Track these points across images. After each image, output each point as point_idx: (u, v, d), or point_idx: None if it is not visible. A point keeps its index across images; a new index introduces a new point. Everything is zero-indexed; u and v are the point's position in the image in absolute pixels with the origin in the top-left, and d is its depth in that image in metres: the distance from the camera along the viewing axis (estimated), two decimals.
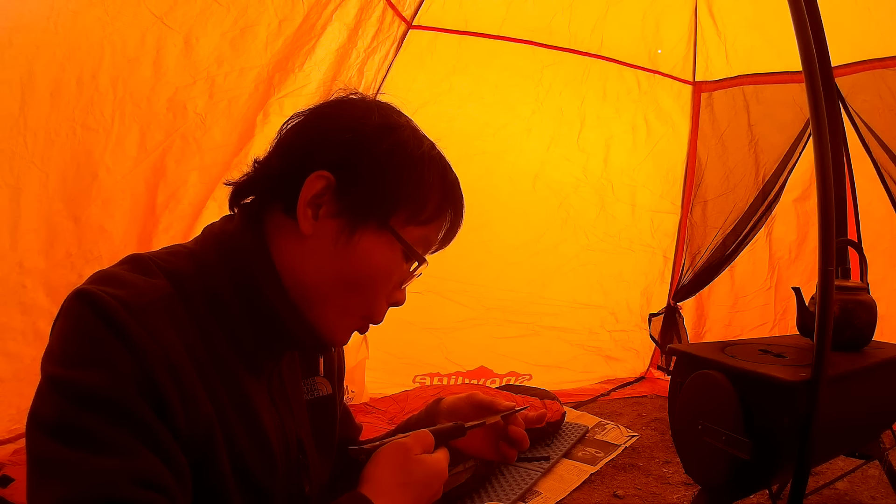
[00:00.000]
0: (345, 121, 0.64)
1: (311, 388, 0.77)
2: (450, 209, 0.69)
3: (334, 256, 0.62)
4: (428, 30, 2.67)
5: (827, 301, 1.20)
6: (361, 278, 0.63)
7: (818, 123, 1.20)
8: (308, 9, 2.13)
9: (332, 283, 0.63)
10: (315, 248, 0.62)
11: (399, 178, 0.63)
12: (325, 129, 0.64)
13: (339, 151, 0.62)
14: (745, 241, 2.98)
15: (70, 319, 0.54)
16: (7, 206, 1.63)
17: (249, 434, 0.63)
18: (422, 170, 0.65)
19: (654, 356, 3.36)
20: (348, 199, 0.62)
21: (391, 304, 0.68)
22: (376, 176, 0.62)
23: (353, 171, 0.62)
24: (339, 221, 0.62)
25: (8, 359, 1.70)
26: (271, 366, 0.68)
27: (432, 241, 0.69)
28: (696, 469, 1.42)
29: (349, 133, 0.63)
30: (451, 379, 2.95)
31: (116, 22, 1.70)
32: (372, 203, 0.62)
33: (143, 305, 0.55)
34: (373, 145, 0.63)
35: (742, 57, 2.91)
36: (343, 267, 0.62)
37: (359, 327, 0.68)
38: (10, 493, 1.44)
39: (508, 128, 3.02)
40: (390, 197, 0.63)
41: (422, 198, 0.65)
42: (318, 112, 0.67)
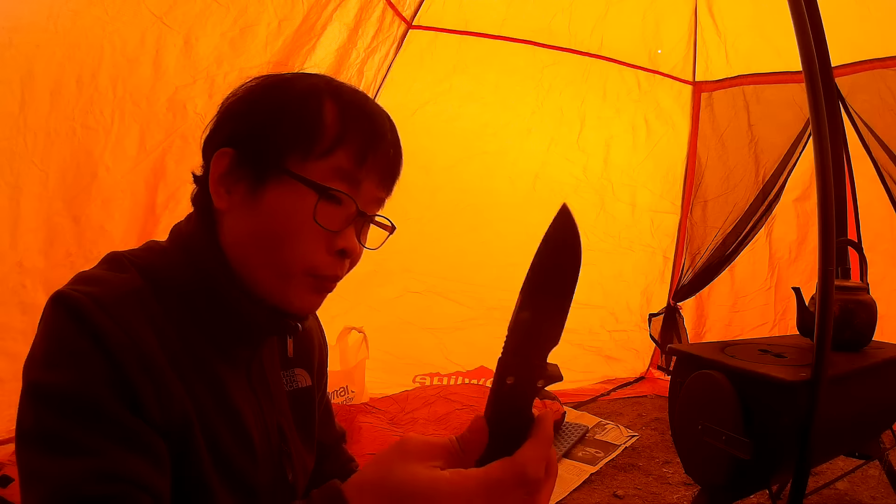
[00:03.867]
0: (235, 97, 0.65)
1: (290, 380, 0.77)
2: (356, 129, 0.63)
3: (251, 220, 0.62)
4: (428, 30, 2.67)
5: (827, 301, 1.20)
6: (280, 231, 0.61)
7: (818, 123, 1.20)
8: (308, 9, 2.13)
9: (260, 246, 0.62)
10: (237, 220, 0.63)
11: (279, 119, 0.62)
12: (220, 112, 0.66)
13: (229, 123, 0.64)
14: (745, 241, 2.98)
15: (45, 322, 0.55)
16: (7, 205, 1.63)
17: (227, 422, 0.63)
18: (301, 102, 0.63)
19: (654, 356, 3.36)
20: (246, 163, 0.62)
21: (339, 253, 0.64)
22: (259, 127, 0.62)
23: (242, 134, 0.63)
24: (245, 186, 0.62)
25: (8, 359, 1.70)
26: (247, 355, 0.68)
27: (349, 169, 0.63)
28: (696, 469, 1.42)
29: (235, 104, 0.65)
30: (451, 379, 2.95)
31: (116, 22, 1.71)
32: (262, 154, 0.61)
33: (116, 300, 0.56)
34: (252, 102, 0.64)
35: (742, 57, 2.91)
36: (261, 226, 0.62)
37: (312, 287, 0.64)
38: (10, 494, 1.44)
39: (508, 128, 3.02)
40: (276, 140, 0.61)
41: (309, 128, 0.61)
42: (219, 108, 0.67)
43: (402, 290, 2.94)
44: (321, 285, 0.65)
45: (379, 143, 0.65)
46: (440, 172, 2.90)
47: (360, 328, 2.56)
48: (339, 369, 2.49)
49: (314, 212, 0.60)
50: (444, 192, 2.93)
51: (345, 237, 0.64)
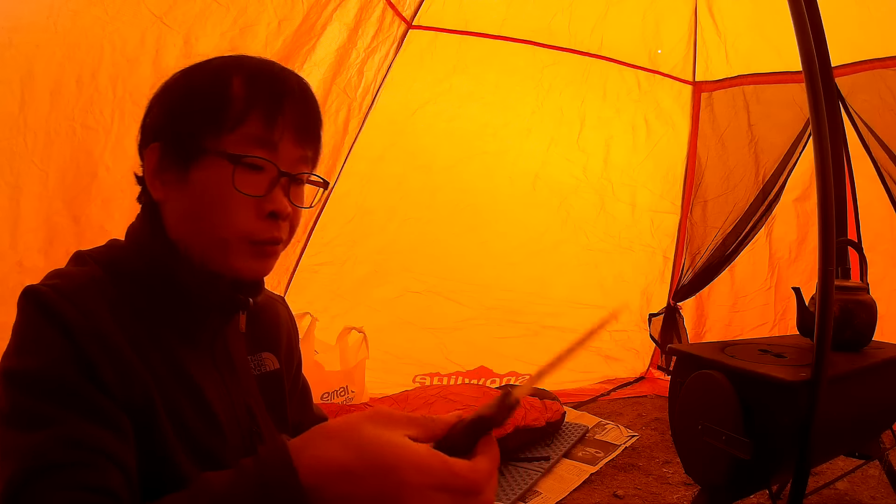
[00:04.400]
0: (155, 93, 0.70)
1: (258, 364, 0.79)
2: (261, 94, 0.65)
3: (185, 202, 0.65)
4: (428, 30, 2.67)
5: (827, 301, 1.21)
6: (210, 205, 0.64)
7: (818, 123, 1.20)
8: (308, 9, 2.13)
9: (197, 224, 0.65)
10: (175, 206, 0.66)
11: (190, 102, 0.66)
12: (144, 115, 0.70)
13: (151, 118, 0.68)
14: (745, 241, 2.98)
15: (17, 316, 0.60)
16: (7, 205, 1.63)
17: (191, 402, 0.65)
18: (209, 81, 0.66)
19: (654, 356, 3.36)
20: (172, 152, 0.65)
21: (270, 216, 0.66)
22: (175, 114, 0.66)
23: (163, 125, 0.67)
24: (173, 172, 0.65)
25: None
26: (209, 337, 0.71)
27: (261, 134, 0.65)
28: (696, 469, 1.42)
29: (154, 99, 0.69)
30: (451, 379, 2.95)
31: (116, 21, 1.71)
32: (182, 139, 0.65)
33: (76, 289, 0.60)
34: (168, 93, 0.68)
35: (742, 57, 2.91)
36: (194, 206, 0.65)
37: (252, 252, 0.67)
38: None
39: (508, 128, 3.02)
40: (190, 123, 0.65)
41: (217, 104, 0.64)
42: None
43: (402, 290, 2.94)
44: (261, 250, 0.67)
45: (286, 101, 0.67)
46: (440, 172, 2.90)
47: (360, 328, 2.56)
48: (339, 369, 2.49)
49: (233, 181, 0.63)
50: (444, 192, 2.93)
51: (272, 200, 0.66)
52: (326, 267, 2.80)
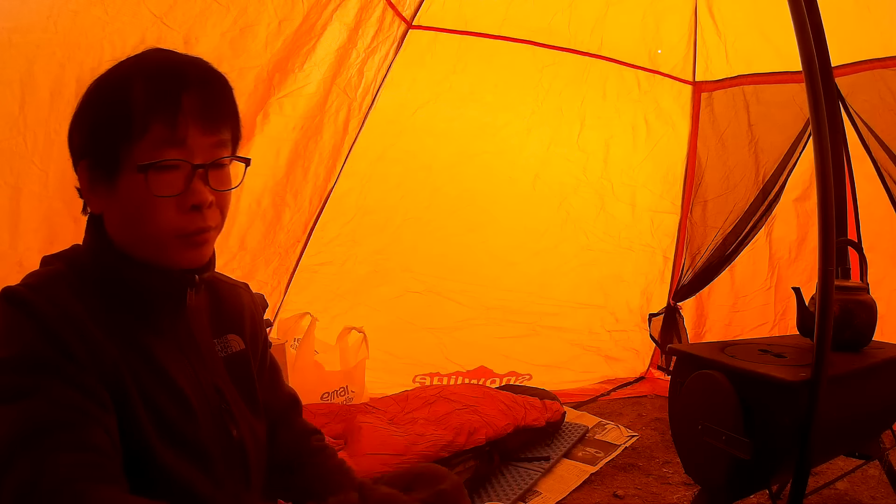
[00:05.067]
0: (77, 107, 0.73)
1: (224, 346, 0.84)
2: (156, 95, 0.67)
3: (117, 212, 0.71)
4: (428, 30, 2.67)
5: (827, 301, 1.21)
6: (136, 212, 0.69)
7: (818, 123, 1.20)
8: (308, 9, 2.13)
9: (130, 229, 0.71)
10: (111, 216, 0.72)
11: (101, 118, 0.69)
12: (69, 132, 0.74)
13: (74, 135, 0.73)
14: (745, 241, 2.98)
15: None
16: (7, 205, 1.64)
17: (159, 383, 0.70)
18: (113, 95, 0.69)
19: (654, 356, 3.36)
20: (97, 168, 0.70)
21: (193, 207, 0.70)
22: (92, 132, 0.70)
23: (84, 143, 0.71)
24: (105, 187, 0.70)
25: None
26: (169, 322, 0.75)
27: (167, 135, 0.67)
28: (696, 469, 1.42)
29: (74, 116, 0.72)
30: (451, 379, 2.95)
31: (116, 21, 1.70)
32: (104, 158, 0.69)
33: (44, 283, 0.67)
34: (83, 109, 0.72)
35: (742, 57, 2.91)
36: (124, 213, 0.70)
37: (185, 244, 0.71)
38: None
39: (508, 128, 3.02)
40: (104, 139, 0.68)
41: (122, 117, 0.67)
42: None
43: (402, 290, 2.94)
44: (192, 241, 0.71)
45: (184, 96, 0.68)
46: (440, 172, 2.90)
47: (360, 328, 2.56)
48: (339, 369, 2.49)
49: (147, 187, 0.66)
50: (444, 192, 2.93)
51: (192, 193, 0.69)
52: (326, 267, 2.80)
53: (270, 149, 2.30)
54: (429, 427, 1.96)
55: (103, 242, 0.72)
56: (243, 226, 2.36)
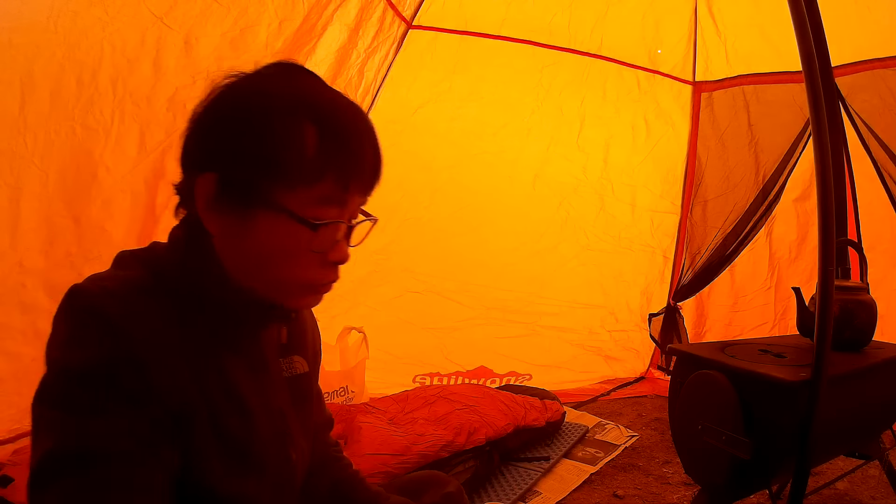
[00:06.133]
0: (214, 113, 0.66)
1: (289, 367, 0.81)
2: (338, 158, 0.63)
3: (244, 242, 0.64)
4: (428, 30, 2.67)
5: (827, 301, 1.20)
6: (275, 256, 0.64)
7: (818, 123, 1.20)
8: (308, 9, 2.13)
9: (255, 265, 0.65)
10: (231, 242, 0.65)
11: (260, 148, 0.62)
12: (199, 129, 0.66)
13: (206, 141, 0.65)
14: (745, 241, 2.98)
15: (64, 312, 0.61)
16: (7, 205, 1.63)
17: (230, 404, 0.67)
18: (280, 128, 0.62)
19: (654, 356, 3.36)
20: (233, 191, 0.63)
21: (334, 263, 0.67)
22: (241, 155, 0.62)
23: (227, 163, 0.63)
24: (234, 213, 0.63)
25: (8, 358, 1.70)
26: (248, 343, 0.72)
27: (335, 195, 0.64)
28: (696, 469, 1.42)
29: (216, 125, 0.65)
30: (451, 379, 2.95)
31: (116, 22, 1.70)
32: (251, 187, 0.62)
33: (124, 292, 0.61)
34: (232, 131, 0.63)
35: (742, 57, 2.91)
36: (254, 249, 0.64)
37: (310, 293, 0.69)
38: (9, 493, 1.44)
39: (508, 128, 3.02)
40: (260, 171, 0.62)
41: (292, 160, 0.61)
42: (197, 111, 0.68)
43: (402, 290, 2.94)
44: (320, 290, 0.69)
45: (362, 167, 0.65)
46: (440, 172, 2.90)
47: (360, 328, 2.56)
48: (338, 369, 2.49)
49: (309, 244, 0.63)
50: (444, 192, 2.93)
51: (338, 251, 0.67)
52: None
53: None
54: (429, 427, 1.96)
55: (208, 263, 0.65)
56: None
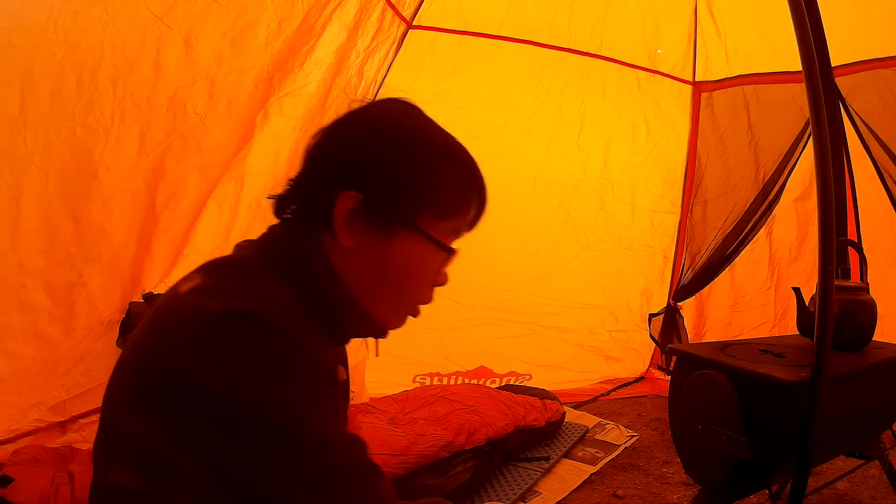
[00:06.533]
0: (362, 137, 0.69)
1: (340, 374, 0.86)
2: (473, 194, 0.73)
3: (377, 264, 0.69)
4: (428, 30, 2.67)
5: (827, 301, 1.20)
6: (404, 278, 0.70)
7: (818, 123, 1.20)
8: (308, 9, 2.13)
9: (381, 285, 0.70)
10: (359, 258, 0.68)
11: (418, 185, 0.68)
12: (344, 148, 0.69)
13: (362, 171, 0.67)
14: (745, 241, 2.98)
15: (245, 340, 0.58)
16: (7, 205, 1.63)
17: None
18: (436, 169, 0.69)
19: (654, 356, 3.36)
20: (377, 212, 0.67)
21: (436, 286, 0.75)
22: (398, 188, 0.67)
23: (377, 187, 0.67)
24: (374, 233, 0.67)
25: (8, 358, 1.70)
26: (341, 350, 0.78)
27: (461, 228, 0.73)
28: (696, 469, 1.42)
29: (368, 149, 0.68)
30: (451, 379, 2.95)
31: (116, 22, 1.70)
32: (398, 211, 0.68)
33: (292, 314, 0.63)
34: (390, 160, 0.67)
35: (742, 57, 2.91)
36: (385, 270, 0.69)
37: (408, 314, 0.75)
38: (10, 493, 1.44)
39: (508, 128, 3.02)
40: (413, 203, 0.68)
41: (442, 194, 0.69)
42: (336, 130, 0.71)
43: None
44: (417, 311, 0.76)
45: (485, 205, 0.76)
46: None
47: None
48: None
49: (435, 268, 0.72)
50: None
51: (443, 276, 0.76)
52: None
53: (270, 149, 2.30)
54: (429, 427, 1.96)
55: (336, 279, 0.69)
56: (243, 226, 2.36)
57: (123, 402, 0.61)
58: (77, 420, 1.95)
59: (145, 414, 0.57)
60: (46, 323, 1.78)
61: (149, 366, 0.59)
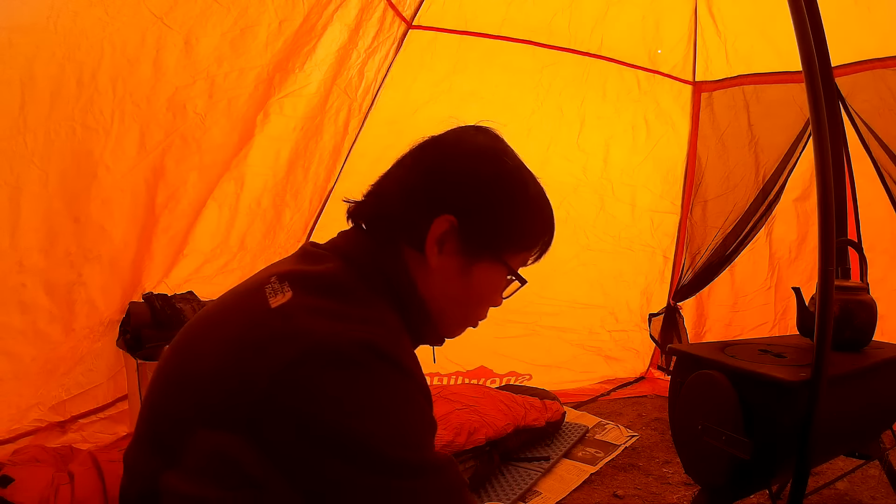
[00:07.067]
0: (466, 167, 0.73)
1: None
2: (546, 234, 0.79)
3: (456, 284, 0.74)
4: (428, 30, 2.67)
5: (827, 301, 1.20)
6: (478, 300, 0.78)
7: (818, 123, 1.20)
8: (308, 9, 2.13)
9: (455, 303, 0.76)
10: (440, 277, 0.73)
11: (512, 222, 0.74)
12: (448, 174, 0.73)
13: (462, 199, 0.71)
14: (746, 241, 2.98)
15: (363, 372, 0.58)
16: (7, 205, 1.64)
17: None
18: (528, 211, 0.76)
19: (654, 356, 3.36)
20: (469, 239, 0.71)
21: (491, 307, 0.82)
22: (493, 221, 0.73)
23: (474, 216, 0.71)
24: (460, 257, 0.72)
25: (8, 358, 1.70)
26: None
27: (529, 259, 0.81)
28: (696, 469, 1.42)
29: (470, 180, 0.72)
30: (451, 379, 2.95)
31: (116, 22, 1.70)
32: (489, 243, 0.73)
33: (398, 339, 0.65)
34: (490, 194, 0.72)
35: (742, 57, 2.91)
36: (463, 292, 0.75)
37: (471, 326, 0.82)
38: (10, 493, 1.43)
39: (508, 128, 2.94)
40: (504, 238, 0.74)
41: (527, 235, 0.77)
42: (440, 154, 0.75)
43: None
44: (476, 325, 0.82)
45: (552, 240, 0.82)
46: None
47: None
48: None
49: (500, 293, 0.79)
50: None
51: (500, 300, 0.82)
52: None
53: (271, 149, 2.30)
54: None
55: (415, 290, 0.72)
56: (243, 226, 2.36)
57: (192, 409, 0.59)
58: (77, 420, 1.95)
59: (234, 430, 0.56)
60: (46, 323, 1.78)
61: (243, 382, 0.57)
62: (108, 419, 2.04)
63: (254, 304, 0.63)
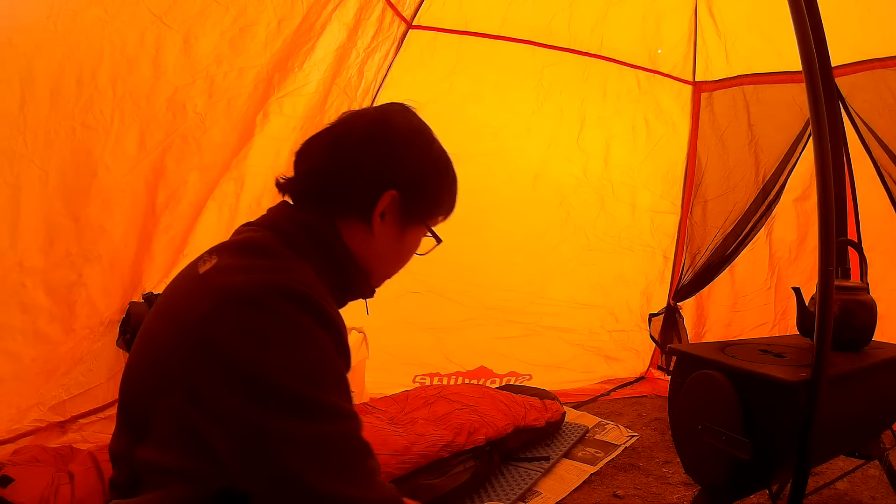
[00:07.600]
0: (408, 148, 0.85)
1: None
2: (455, 200, 0.93)
3: (391, 247, 0.87)
4: (428, 30, 2.67)
5: (827, 301, 1.20)
6: (403, 258, 0.91)
7: (818, 123, 1.20)
8: (307, 8, 2.13)
9: (387, 262, 0.89)
10: (379, 241, 0.84)
11: (440, 194, 0.89)
12: (396, 156, 0.83)
13: (405, 176, 0.83)
14: (745, 241, 2.98)
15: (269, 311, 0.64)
16: (7, 205, 1.63)
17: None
18: (452, 184, 0.91)
19: (654, 356, 3.36)
20: (407, 210, 0.84)
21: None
22: (428, 194, 0.87)
23: (413, 191, 0.84)
24: (397, 225, 0.85)
25: (8, 358, 1.70)
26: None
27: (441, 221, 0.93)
28: (696, 469, 1.42)
29: (412, 161, 0.84)
30: (451, 379, 2.95)
31: (116, 21, 1.70)
32: (422, 213, 0.88)
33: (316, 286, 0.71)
34: (427, 172, 0.86)
35: (742, 57, 2.91)
36: (391, 251, 0.87)
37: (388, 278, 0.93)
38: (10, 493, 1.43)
39: (508, 128, 3.02)
40: (433, 207, 0.89)
41: (447, 203, 0.91)
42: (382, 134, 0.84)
43: (402, 290, 2.93)
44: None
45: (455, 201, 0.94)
46: None
47: (360, 328, 2.56)
48: None
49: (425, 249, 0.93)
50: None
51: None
52: None
53: (270, 149, 2.30)
54: (429, 427, 1.96)
55: (350, 254, 0.83)
56: None
57: (150, 381, 0.65)
58: (77, 420, 1.95)
59: (175, 387, 0.61)
60: (46, 323, 1.78)
61: (178, 341, 0.63)
62: (108, 419, 2.04)
63: (189, 275, 0.73)
